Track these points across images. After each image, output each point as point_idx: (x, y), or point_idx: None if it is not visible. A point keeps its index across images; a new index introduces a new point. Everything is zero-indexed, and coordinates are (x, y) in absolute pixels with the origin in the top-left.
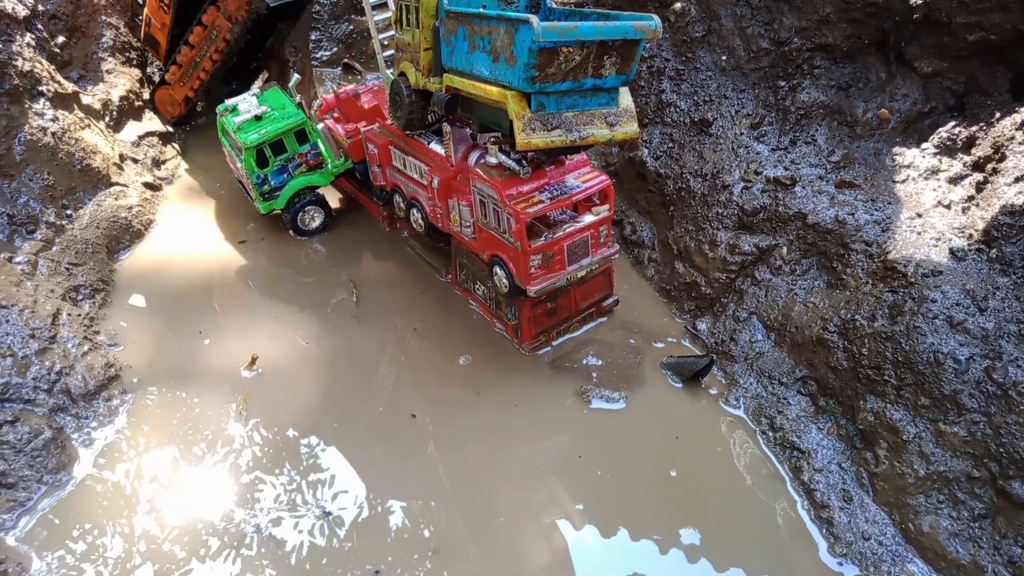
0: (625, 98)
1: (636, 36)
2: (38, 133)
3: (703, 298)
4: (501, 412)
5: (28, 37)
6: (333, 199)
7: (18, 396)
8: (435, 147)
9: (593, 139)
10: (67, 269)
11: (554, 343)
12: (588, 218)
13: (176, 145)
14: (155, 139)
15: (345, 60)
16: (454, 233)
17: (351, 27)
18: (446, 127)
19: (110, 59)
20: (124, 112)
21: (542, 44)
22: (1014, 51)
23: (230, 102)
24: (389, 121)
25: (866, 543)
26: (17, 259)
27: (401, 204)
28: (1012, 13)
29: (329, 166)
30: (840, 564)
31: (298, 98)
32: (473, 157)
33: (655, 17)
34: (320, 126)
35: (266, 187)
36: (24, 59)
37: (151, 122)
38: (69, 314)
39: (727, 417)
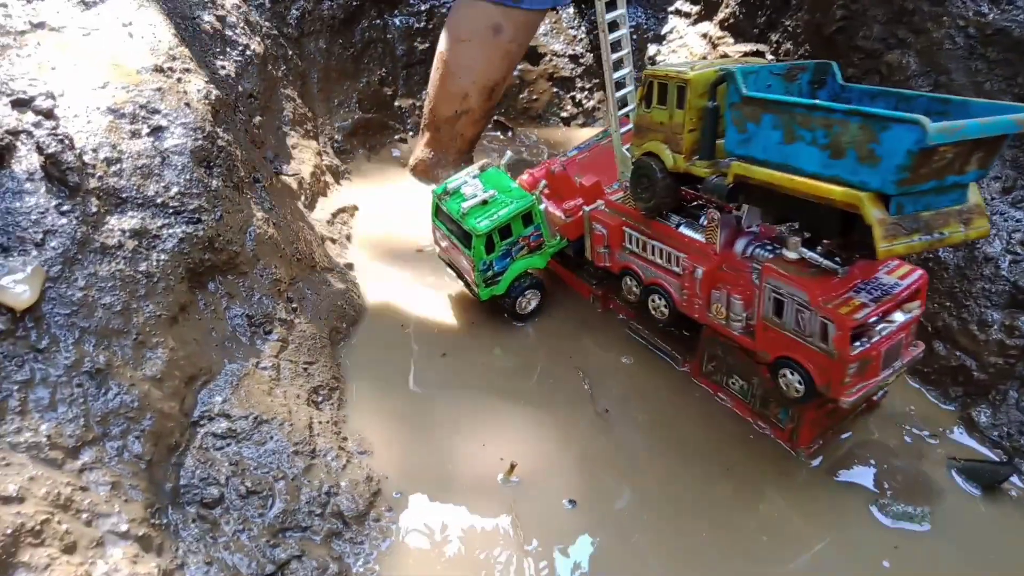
0: (974, 192)
1: (1016, 130)
2: (263, 225)
3: (974, 383)
4: (785, 535)
5: (238, 122)
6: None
7: (295, 524)
8: (686, 231)
9: (950, 240)
10: (304, 369)
11: (830, 446)
12: (899, 316)
13: (361, 218)
14: (346, 215)
15: (497, 118)
16: (714, 325)
17: None
18: (714, 213)
19: (292, 133)
20: (314, 189)
21: (924, 146)
22: None
23: (450, 185)
24: (616, 198)
25: None
26: (263, 364)
27: (634, 288)
28: None
29: (546, 246)
30: None
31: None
32: (740, 244)
33: None
34: (543, 206)
35: (489, 273)
36: (240, 146)
37: (339, 196)
38: (320, 422)
39: None
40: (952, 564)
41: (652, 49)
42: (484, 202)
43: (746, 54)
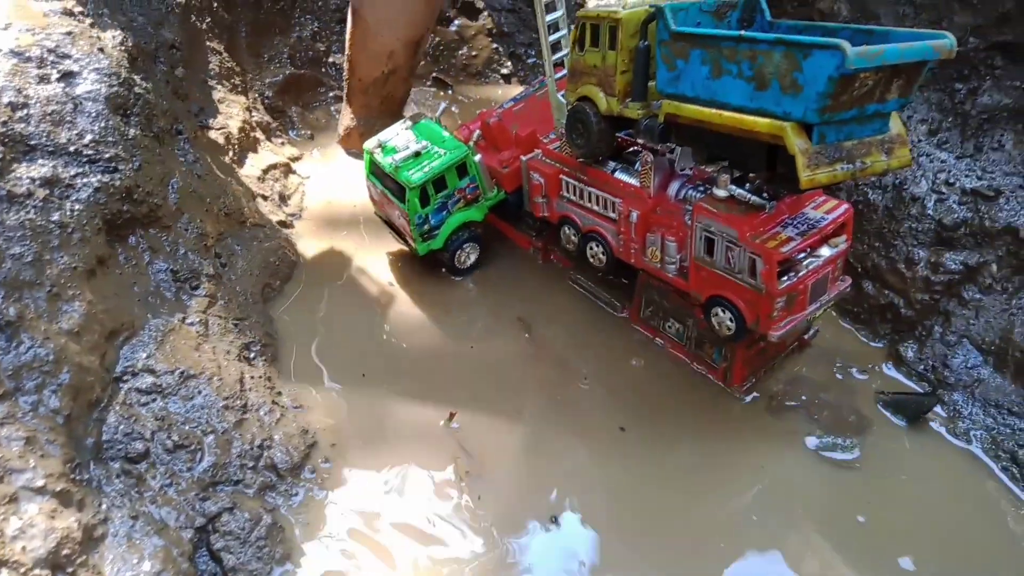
0: (896, 122)
1: (934, 56)
2: (186, 177)
3: (901, 320)
4: (720, 468)
5: (158, 72)
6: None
7: (227, 477)
8: (621, 176)
9: (872, 169)
10: (235, 325)
11: (763, 384)
12: (826, 251)
13: (295, 176)
14: (278, 172)
15: (435, 74)
16: (649, 269)
17: (437, 39)
18: (648, 156)
19: (219, 87)
20: (243, 146)
21: (846, 72)
22: None
23: (381, 137)
24: (554, 147)
25: None
26: (189, 320)
27: (572, 237)
28: None
29: (483, 199)
30: None
31: (445, 127)
32: (673, 187)
33: (949, 35)
34: (478, 157)
35: (426, 227)
36: (161, 96)
37: (270, 154)
38: (251, 377)
39: (962, 455)
40: (877, 491)
41: (592, 2)
42: (416, 154)
43: None
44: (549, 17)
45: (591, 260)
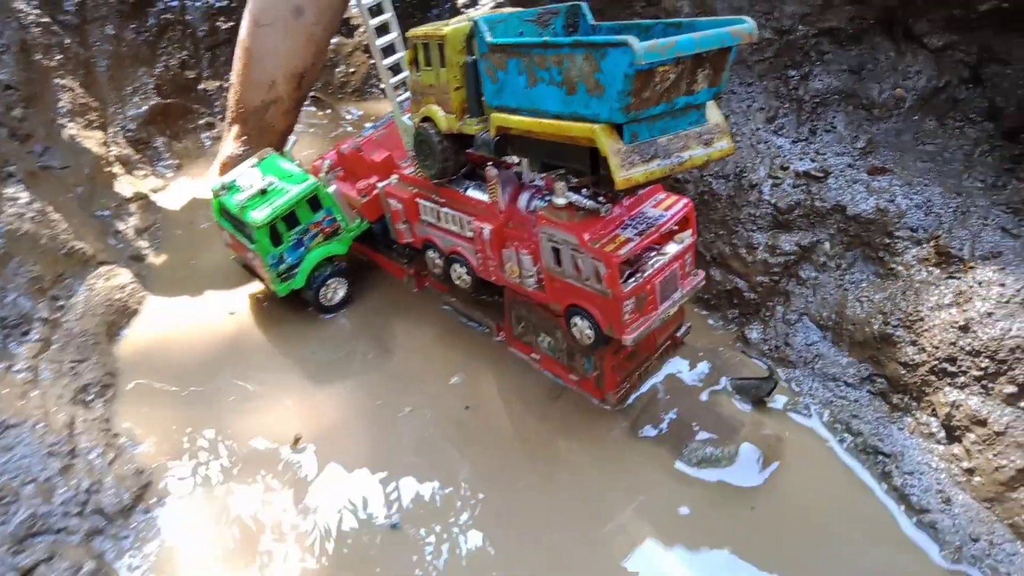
0: (714, 113)
1: (733, 42)
2: (16, 220)
3: (747, 304)
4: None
5: None
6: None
7: (48, 527)
8: (473, 193)
9: (691, 162)
10: (71, 368)
11: (638, 391)
12: (672, 248)
13: (155, 208)
14: (133, 207)
15: (314, 94)
16: (511, 285)
17: None
18: (492, 170)
19: (70, 124)
20: (96, 181)
21: (640, 67)
22: None
23: (226, 179)
24: (410, 171)
25: (975, 544)
26: (16, 367)
27: (437, 261)
28: None
29: (344, 231)
30: (955, 568)
31: (297, 161)
32: (523, 199)
33: (748, 19)
34: (332, 188)
35: (282, 266)
36: None
37: (128, 187)
38: (84, 420)
39: (801, 429)
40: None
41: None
42: (262, 191)
43: None
44: (381, 40)
45: (457, 282)
